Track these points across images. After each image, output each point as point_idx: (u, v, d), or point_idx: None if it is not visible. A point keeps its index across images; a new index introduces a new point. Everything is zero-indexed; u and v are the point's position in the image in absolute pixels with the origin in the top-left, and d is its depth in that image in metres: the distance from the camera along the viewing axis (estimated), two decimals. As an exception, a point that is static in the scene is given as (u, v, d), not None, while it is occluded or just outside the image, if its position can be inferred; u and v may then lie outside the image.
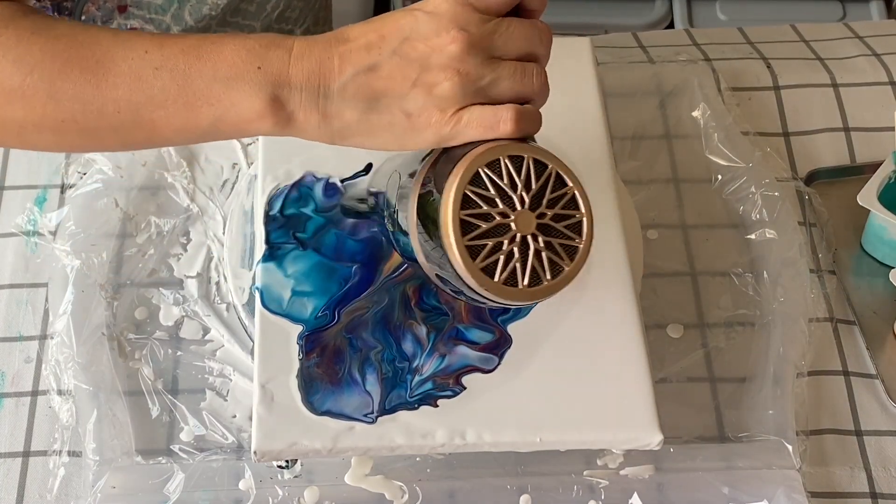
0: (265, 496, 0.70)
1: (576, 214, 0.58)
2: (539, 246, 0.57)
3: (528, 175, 0.57)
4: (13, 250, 0.83)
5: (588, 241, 0.58)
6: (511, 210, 0.57)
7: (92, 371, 0.75)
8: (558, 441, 0.67)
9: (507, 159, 0.57)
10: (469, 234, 0.56)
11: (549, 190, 0.57)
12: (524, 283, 0.57)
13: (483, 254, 0.56)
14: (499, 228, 0.57)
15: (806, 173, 0.90)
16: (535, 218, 0.57)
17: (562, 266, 0.57)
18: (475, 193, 0.56)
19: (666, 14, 1.68)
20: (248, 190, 0.82)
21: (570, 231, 0.58)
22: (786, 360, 0.77)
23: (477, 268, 0.56)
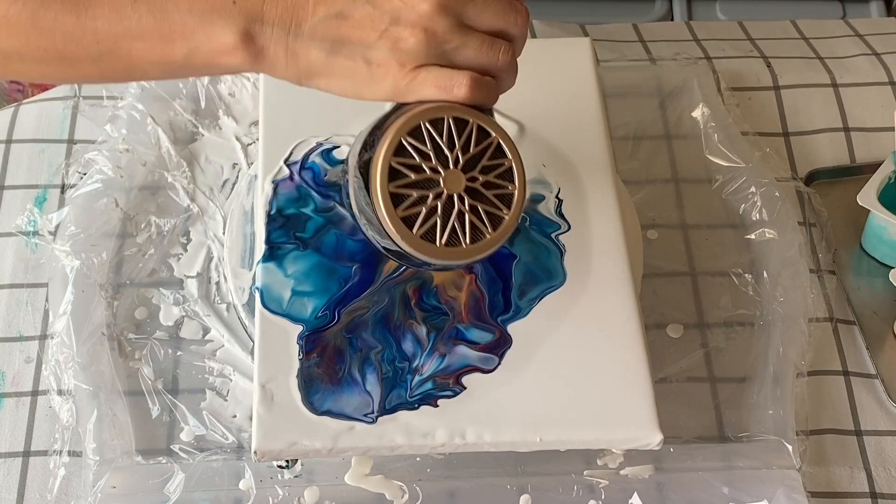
0: (265, 496, 0.70)
1: (508, 186, 0.58)
2: (464, 208, 0.57)
3: (469, 138, 0.57)
4: (13, 250, 0.83)
5: (515, 215, 0.58)
6: (443, 167, 0.57)
7: (92, 371, 0.75)
8: (558, 441, 0.67)
9: (450, 119, 0.57)
10: (396, 181, 0.56)
11: (486, 157, 0.58)
12: (442, 241, 0.57)
13: (406, 204, 0.56)
14: (428, 184, 0.57)
15: (806, 173, 0.90)
16: (465, 180, 0.57)
17: (484, 233, 0.57)
18: (411, 145, 0.57)
19: (666, 14, 1.68)
20: (249, 190, 0.82)
21: (499, 201, 0.58)
22: (786, 360, 0.77)
23: (398, 216, 0.56)
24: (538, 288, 0.71)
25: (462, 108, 0.58)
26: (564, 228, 0.74)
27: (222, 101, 0.89)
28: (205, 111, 0.88)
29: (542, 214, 0.74)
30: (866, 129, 0.93)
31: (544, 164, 0.77)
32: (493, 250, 0.58)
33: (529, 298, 0.71)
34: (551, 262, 0.72)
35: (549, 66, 0.82)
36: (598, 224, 0.74)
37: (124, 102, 0.88)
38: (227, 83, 0.89)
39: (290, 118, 0.77)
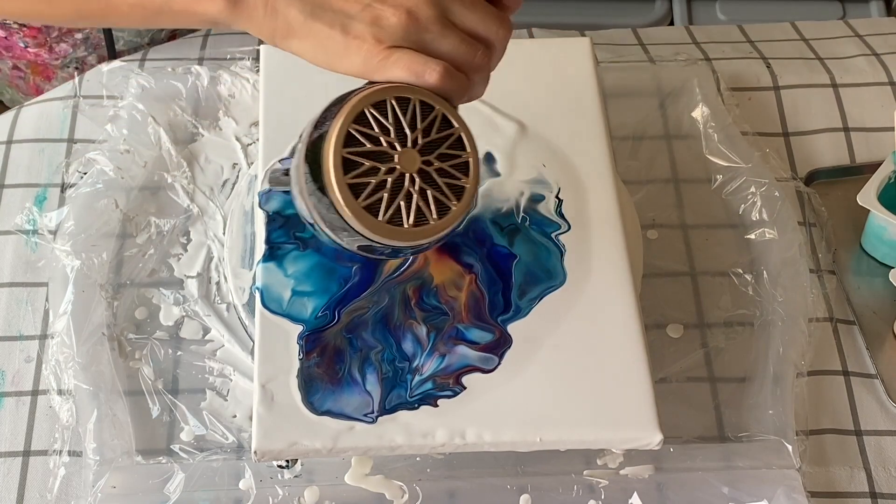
0: (265, 496, 0.70)
1: (462, 178, 0.57)
2: (413, 189, 0.56)
3: (431, 124, 0.57)
4: (13, 250, 0.83)
5: (474, 181, 0.57)
6: (394, 149, 0.56)
7: (92, 371, 0.75)
8: (558, 441, 0.67)
9: (393, 100, 0.56)
10: (352, 172, 0.55)
11: (445, 146, 0.57)
12: (409, 221, 0.56)
13: (366, 192, 0.55)
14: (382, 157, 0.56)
15: (806, 173, 0.90)
16: (419, 156, 0.56)
17: (448, 205, 0.57)
18: (359, 132, 0.56)
19: (665, 14, 1.68)
20: (249, 190, 0.82)
21: (456, 171, 0.57)
22: (786, 360, 0.77)
23: (359, 206, 0.55)
24: (538, 288, 0.71)
25: (430, 95, 0.57)
26: (564, 228, 0.74)
27: (222, 102, 0.89)
28: (205, 112, 0.88)
29: (542, 214, 0.74)
30: (866, 129, 0.93)
31: (544, 164, 0.77)
32: (433, 239, 0.57)
33: (529, 298, 0.71)
34: (551, 262, 0.72)
35: (549, 66, 0.82)
36: (598, 224, 0.74)
37: (125, 102, 0.88)
38: (227, 84, 0.89)
39: (289, 118, 0.77)
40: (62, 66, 1.02)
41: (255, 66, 0.90)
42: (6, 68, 1.05)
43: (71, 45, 0.99)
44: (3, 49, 1.02)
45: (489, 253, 0.73)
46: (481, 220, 0.74)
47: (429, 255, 0.72)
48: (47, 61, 1.01)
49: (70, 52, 1.00)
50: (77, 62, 1.02)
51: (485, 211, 0.75)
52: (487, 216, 0.74)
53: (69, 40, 0.99)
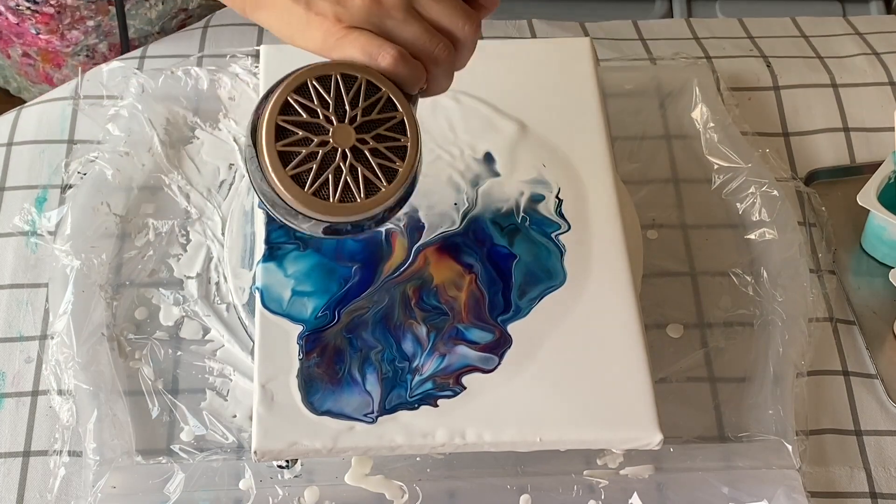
0: (265, 496, 0.70)
1: (401, 139, 0.57)
2: (355, 162, 0.56)
3: (357, 94, 0.56)
4: (13, 251, 0.83)
5: (409, 165, 0.57)
6: (330, 123, 0.56)
7: (92, 371, 0.75)
8: (558, 441, 0.67)
9: (338, 75, 0.56)
10: (283, 139, 0.55)
11: (376, 111, 0.57)
12: (335, 197, 0.55)
13: (295, 161, 0.55)
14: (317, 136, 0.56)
15: (806, 173, 0.90)
16: (354, 133, 0.56)
17: (378, 186, 0.56)
18: (298, 103, 0.56)
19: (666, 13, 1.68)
20: (249, 190, 0.82)
21: (392, 153, 0.57)
22: (786, 360, 0.77)
23: (287, 175, 0.55)
24: (538, 288, 0.71)
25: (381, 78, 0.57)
26: (564, 228, 0.74)
27: (222, 104, 0.89)
28: (204, 113, 0.88)
29: (542, 214, 0.74)
30: (866, 129, 0.93)
31: (544, 164, 0.77)
32: (357, 218, 0.57)
33: (529, 298, 0.71)
34: (551, 262, 0.72)
35: (549, 66, 0.82)
36: (598, 224, 0.74)
37: (125, 102, 0.88)
38: (227, 87, 0.89)
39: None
40: (73, 53, 1.02)
41: (255, 66, 0.90)
42: (16, 55, 1.05)
43: (82, 32, 1.00)
44: (14, 35, 1.02)
45: (489, 253, 0.73)
46: (481, 220, 0.74)
47: (429, 255, 0.72)
48: (58, 48, 1.01)
49: (81, 40, 1.00)
50: (88, 50, 1.02)
51: (485, 211, 0.75)
52: (487, 216, 0.74)
53: (81, 27, 0.99)
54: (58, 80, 1.05)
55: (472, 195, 0.75)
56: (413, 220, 0.74)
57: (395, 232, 0.73)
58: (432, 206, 0.74)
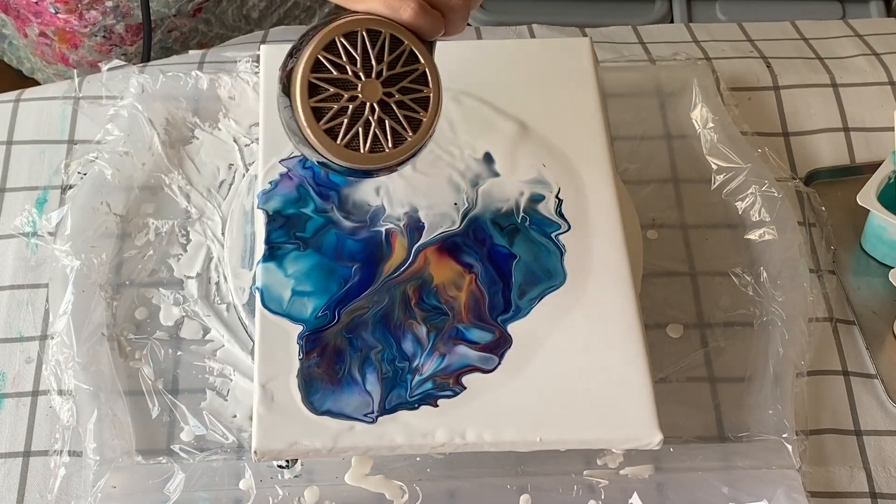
0: (265, 496, 0.70)
1: (423, 90, 0.61)
2: (383, 115, 0.60)
3: (382, 49, 0.60)
4: (14, 252, 0.83)
5: (432, 115, 0.61)
6: (359, 79, 0.60)
7: (92, 371, 0.75)
8: (558, 441, 0.67)
9: (364, 32, 0.60)
10: (316, 96, 0.59)
11: (400, 64, 0.60)
12: (365, 147, 0.60)
13: (328, 116, 0.59)
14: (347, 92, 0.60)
15: (805, 173, 0.90)
16: (381, 87, 0.60)
17: (404, 136, 0.60)
18: (328, 60, 0.59)
19: (665, 14, 1.68)
20: (249, 190, 0.82)
21: (416, 105, 0.61)
22: (785, 360, 0.77)
23: (320, 129, 0.59)
24: (538, 288, 0.71)
25: (401, 30, 0.60)
26: (564, 228, 0.74)
27: (222, 104, 0.89)
28: (204, 113, 0.88)
29: (542, 214, 0.74)
30: (866, 129, 0.93)
31: (544, 164, 0.77)
32: (386, 164, 0.61)
33: (529, 298, 0.71)
34: (551, 262, 0.72)
35: (548, 66, 0.82)
36: (598, 224, 0.74)
37: (124, 102, 0.88)
38: (227, 87, 0.89)
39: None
40: (90, 34, 1.02)
41: (255, 67, 0.90)
42: (33, 34, 1.05)
43: (101, 12, 1.00)
44: (32, 15, 1.02)
45: (489, 253, 0.73)
46: (481, 220, 0.74)
47: (429, 255, 0.72)
48: (76, 28, 1.01)
49: (99, 20, 1.00)
50: (105, 31, 1.02)
51: (485, 211, 0.75)
52: (487, 216, 0.74)
53: (99, 7, 0.99)
54: (73, 61, 1.05)
55: (472, 195, 0.75)
56: (413, 220, 0.74)
57: (395, 232, 0.73)
58: (432, 207, 0.74)
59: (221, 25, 1.06)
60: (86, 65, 1.05)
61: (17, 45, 1.12)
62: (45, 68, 1.10)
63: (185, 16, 1.02)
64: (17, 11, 1.04)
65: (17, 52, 1.14)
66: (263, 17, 1.09)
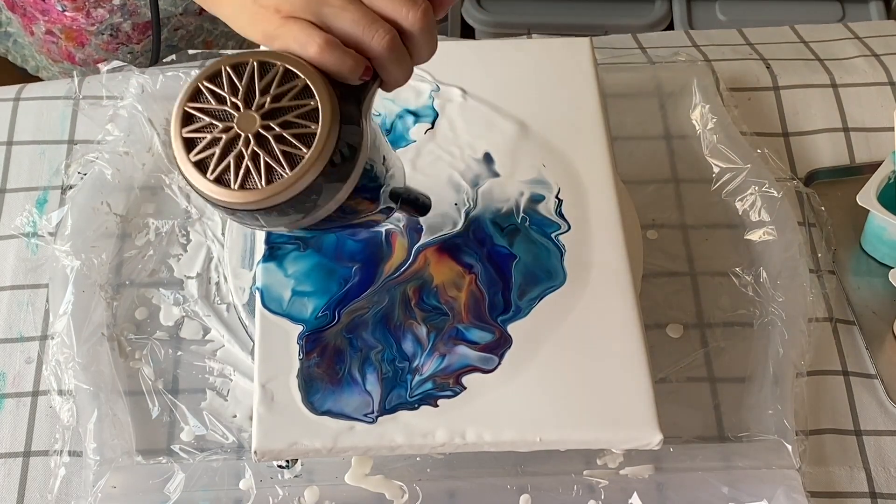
0: (265, 496, 0.70)
1: (311, 125, 0.56)
2: (258, 148, 0.55)
3: (271, 81, 0.56)
4: (14, 252, 0.83)
5: (316, 153, 0.55)
6: (237, 110, 0.56)
7: (92, 371, 0.75)
8: (558, 441, 0.67)
9: (255, 62, 0.56)
10: (189, 125, 0.56)
11: (287, 98, 0.56)
12: (236, 183, 0.55)
13: (199, 147, 0.55)
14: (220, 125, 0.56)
15: (805, 173, 0.90)
16: (260, 119, 0.55)
17: (280, 173, 0.55)
18: (209, 90, 0.56)
19: (665, 15, 1.68)
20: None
21: (297, 141, 0.55)
22: (785, 360, 0.77)
23: (190, 160, 0.56)
24: (538, 288, 0.71)
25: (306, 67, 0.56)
26: (564, 228, 0.74)
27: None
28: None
29: (542, 214, 0.74)
30: (866, 129, 0.93)
31: (544, 164, 0.77)
32: (293, 191, 0.55)
33: (529, 298, 0.71)
34: (551, 262, 0.72)
35: (548, 66, 0.82)
36: (598, 224, 0.74)
37: (124, 102, 0.88)
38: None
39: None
40: (97, 32, 1.02)
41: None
42: (39, 32, 1.05)
43: (108, 10, 0.99)
44: (40, 12, 1.02)
45: (489, 253, 0.73)
46: (481, 220, 0.74)
47: (429, 255, 0.72)
48: (83, 26, 1.01)
49: (106, 18, 1.00)
50: (112, 29, 1.01)
51: (485, 211, 0.75)
52: (487, 216, 0.74)
53: (107, 6, 0.99)
54: (80, 60, 1.05)
55: (473, 195, 0.75)
56: (412, 220, 0.74)
57: (395, 232, 0.73)
58: (432, 207, 0.74)
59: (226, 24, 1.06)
60: (92, 63, 1.05)
61: (22, 42, 1.12)
62: (50, 66, 1.10)
63: (192, 14, 1.02)
64: (23, 9, 1.04)
65: (21, 50, 1.14)
66: None
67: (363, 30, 0.57)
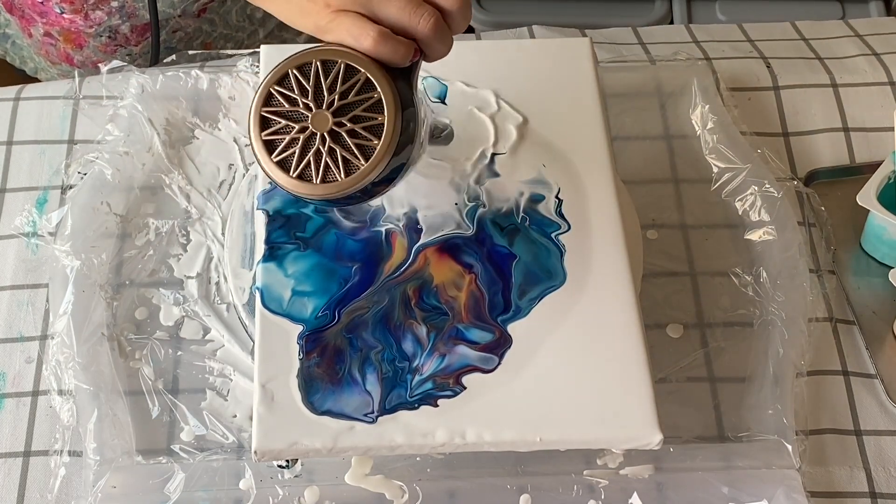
0: (265, 496, 0.70)
1: (378, 117, 0.60)
2: (333, 144, 0.60)
3: (336, 78, 0.60)
4: (14, 252, 0.83)
5: (385, 143, 0.60)
6: (309, 110, 0.60)
7: (92, 371, 0.75)
8: (558, 441, 0.67)
9: (318, 62, 0.60)
10: (267, 129, 0.60)
11: (353, 93, 0.60)
12: (318, 178, 0.60)
13: (279, 148, 0.60)
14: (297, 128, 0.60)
15: (805, 173, 0.90)
16: (331, 117, 0.60)
17: (356, 165, 0.60)
18: (280, 93, 0.60)
19: (665, 14, 1.68)
20: (249, 190, 0.82)
21: (368, 133, 0.60)
22: (785, 360, 0.77)
23: (272, 161, 0.60)
24: (538, 288, 0.71)
25: (362, 58, 0.60)
26: (564, 228, 0.74)
27: (222, 104, 0.89)
28: (204, 113, 0.88)
29: (542, 214, 0.74)
30: (866, 129, 0.93)
31: (544, 164, 0.77)
32: (370, 179, 0.60)
33: (529, 298, 0.71)
34: (551, 262, 0.72)
35: (548, 66, 0.82)
36: (598, 224, 0.74)
37: (124, 102, 0.88)
38: (227, 87, 0.89)
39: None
40: (95, 34, 1.02)
41: (255, 67, 0.90)
42: (38, 34, 1.05)
43: (106, 12, 1.00)
44: (38, 15, 1.02)
45: (489, 253, 0.73)
46: (481, 220, 0.74)
47: (429, 255, 0.72)
48: (81, 29, 1.01)
49: (105, 20, 1.00)
50: (110, 31, 1.02)
51: (485, 211, 0.75)
52: (487, 216, 0.74)
53: (105, 8, 0.99)
54: (78, 62, 1.05)
55: (473, 194, 0.75)
56: (412, 220, 0.74)
57: (394, 232, 0.73)
58: (432, 207, 0.74)
59: (225, 25, 1.06)
60: (90, 65, 1.05)
61: (21, 44, 1.12)
62: (49, 68, 1.10)
63: (190, 16, 1.03)
64: (21, 11, 1.04)
65: (20, 51, 1.14)
66: (267, 18, 1.09)
67: (409, 16, 0.61)
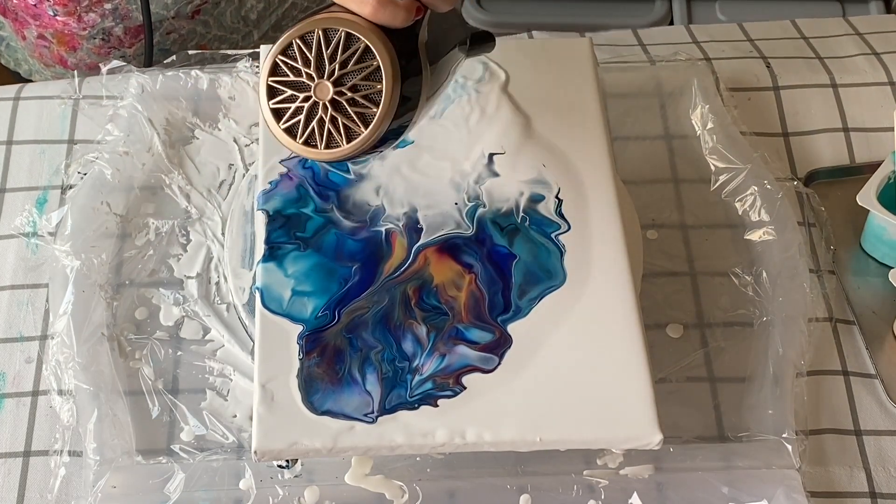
0: (265, 496, 0.70)
1: (377, 85, 0.62)
2: (335, 112, 0.62)
3: (336, 47, 0.62)
4: (14, 252, 0.83)
5: (384, 110, 0.62)
6: (312, 80, 0.62)
7: (92, 371, 0.75)
8: (558, 441, 0.67)
9: (320, 31, 0.62)
10: (274, 98, 0.63)
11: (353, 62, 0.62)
12: (322, 144, 0.63)
13: (286, 116, 0.63)
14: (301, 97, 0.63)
15: (805, 173, 0.90)
16: (332, 86, 0.62)
17: (357, 132, 0.62)
18: (285, 63, 0.62)
19: (665, 14, 1.69)
20: (249, 190, 0.82)
21: (367, 101, 0.62)
22: (785, 360, 0.77)
23: (280, 128, 0.63)
24: (538, 288, 0.71)
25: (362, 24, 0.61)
26: (564, 228, 0.74)
27: (222, 104, 0.89)
28: (204, 113, 0.88)
29: (542, 214, 0.75)
30: (866, 129, 0.93)
31: (544, 164, 0.77)
32: (371, 142, 0.62)
33: (529, 298, 0.71)
34: (551, 262, 0.72)
35: (548, 66, 0.82)
36: (598, 224, 0.74)
37: (124, 102, 0.88)
38: (227, 87, 0.89)
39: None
40: (89, 36, 1.02)
41: (255, 67, 0.90)
42: (31, 37, 1.05)
43: (100, 14, 0.99)
44: (31, 17, 1.02)
45: (489, 253, 0.73)
46: (481, 220, 0.74)
47: (429, 255, 0.72)
48: (74, 31, 1.01)
49: (98, 23, 1.00)
50: (104, 33, 1.02)
51: (485, 211, 0.75)
52: (487, 216, 0.74)
53: (98, 10, 0.99)
54: (72, 64, 1.05)
55: (473, 194, 0.75)
56: (412, 220, 0.74)
57: (394, 232, 0.73)
58: (432, 206, 0.75)
59: (220, 27, 1.06)
60: (84, 67, 1.05)
61: (15, 46, 1.12)
62: (43, 70, 1.10)
63: (184, 18, 1.02)
64: (15, 14, 1.04)
65: (14, 54, 1.14)
66: (262, 19, 1.09)
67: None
